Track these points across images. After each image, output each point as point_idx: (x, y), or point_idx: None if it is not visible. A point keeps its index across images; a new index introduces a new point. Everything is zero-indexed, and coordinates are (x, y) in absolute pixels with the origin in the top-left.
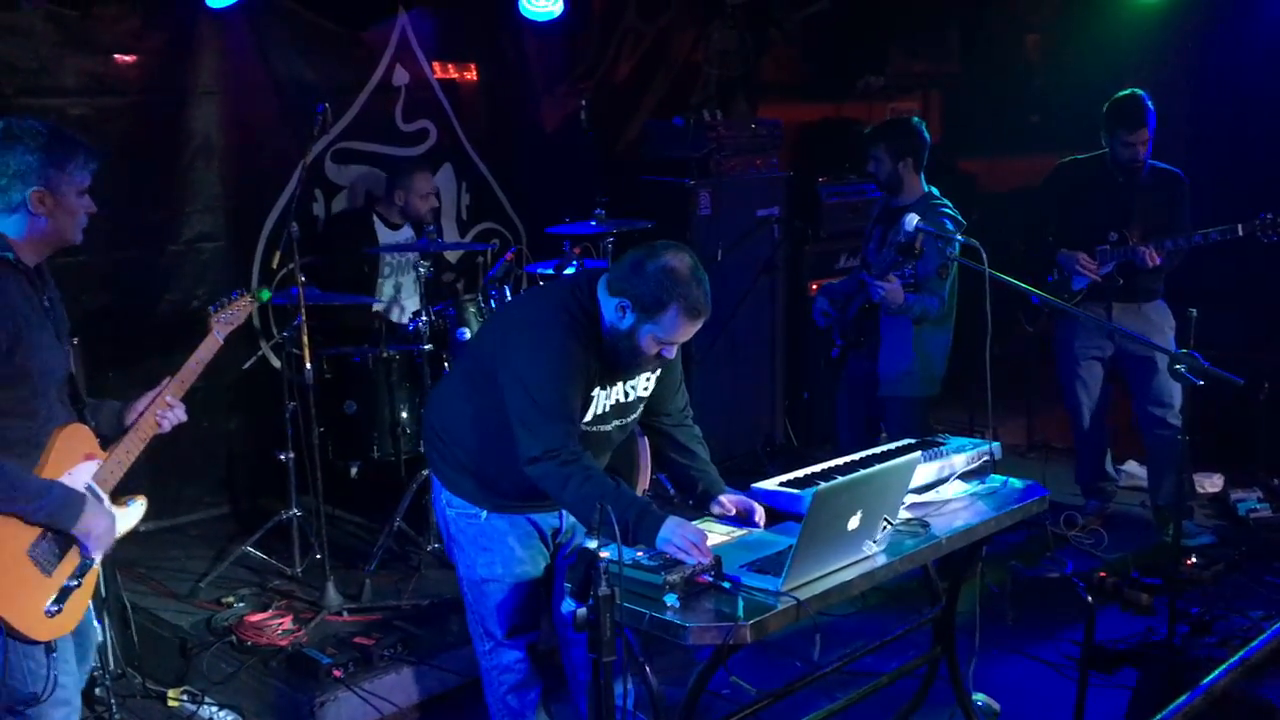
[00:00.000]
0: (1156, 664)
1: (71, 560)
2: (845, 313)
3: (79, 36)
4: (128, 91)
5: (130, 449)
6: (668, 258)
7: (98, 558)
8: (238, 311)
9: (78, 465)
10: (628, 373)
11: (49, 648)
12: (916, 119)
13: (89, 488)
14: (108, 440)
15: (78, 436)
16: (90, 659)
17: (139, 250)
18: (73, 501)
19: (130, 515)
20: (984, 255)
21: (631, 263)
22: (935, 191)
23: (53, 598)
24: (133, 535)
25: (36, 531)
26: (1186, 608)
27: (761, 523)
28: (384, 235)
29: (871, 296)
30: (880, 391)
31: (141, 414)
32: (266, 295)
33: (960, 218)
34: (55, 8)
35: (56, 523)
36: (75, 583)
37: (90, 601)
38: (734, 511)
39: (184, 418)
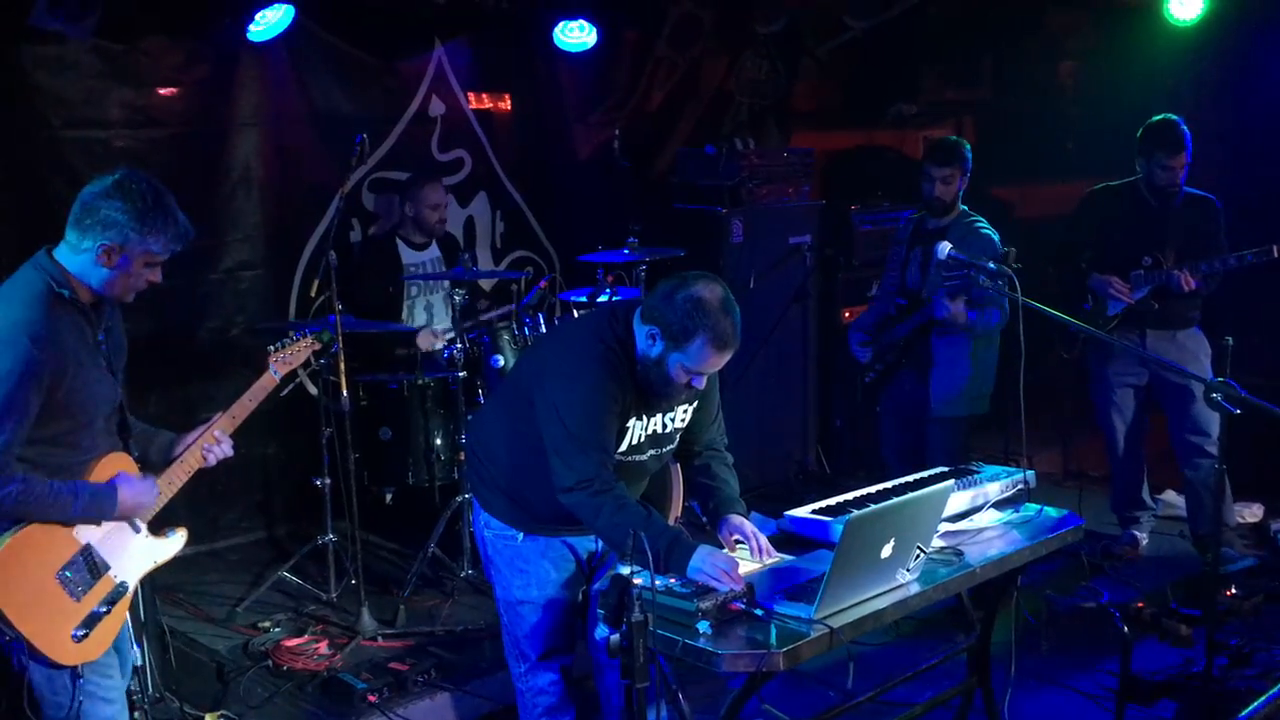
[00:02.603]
0: (1195, 695)
1: (103, 588)
2: (888, 336)
3: (124, 69)
4: (171, 123)
5: (173, 480)
6: (698, 288)
7: (115, 566)
8: (299, 352)
9: None
10: (662, 403)
11: (75, 673)
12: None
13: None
14: (156, 469)
15: (117, 464)
16: (127, 676)
17: (180, 278)
18: (102, 492)
19: (170, 546)
20: (1016, 283)
21: (663, 291)
22: (966, 209)
23: (80, 622)
24: (171, 559)
25: (66, 556)
26: (1225, 639)
27: (762, 552)
28: (407, 255)
29: (936, 314)
30: (933, 412)
31: (189, 446)
32: (328, 337)
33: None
34: (101, 41)
35: (98, 515)
36: (104, 609)
37: (127, 625)
38: (734, 538)
39: (230, 453)
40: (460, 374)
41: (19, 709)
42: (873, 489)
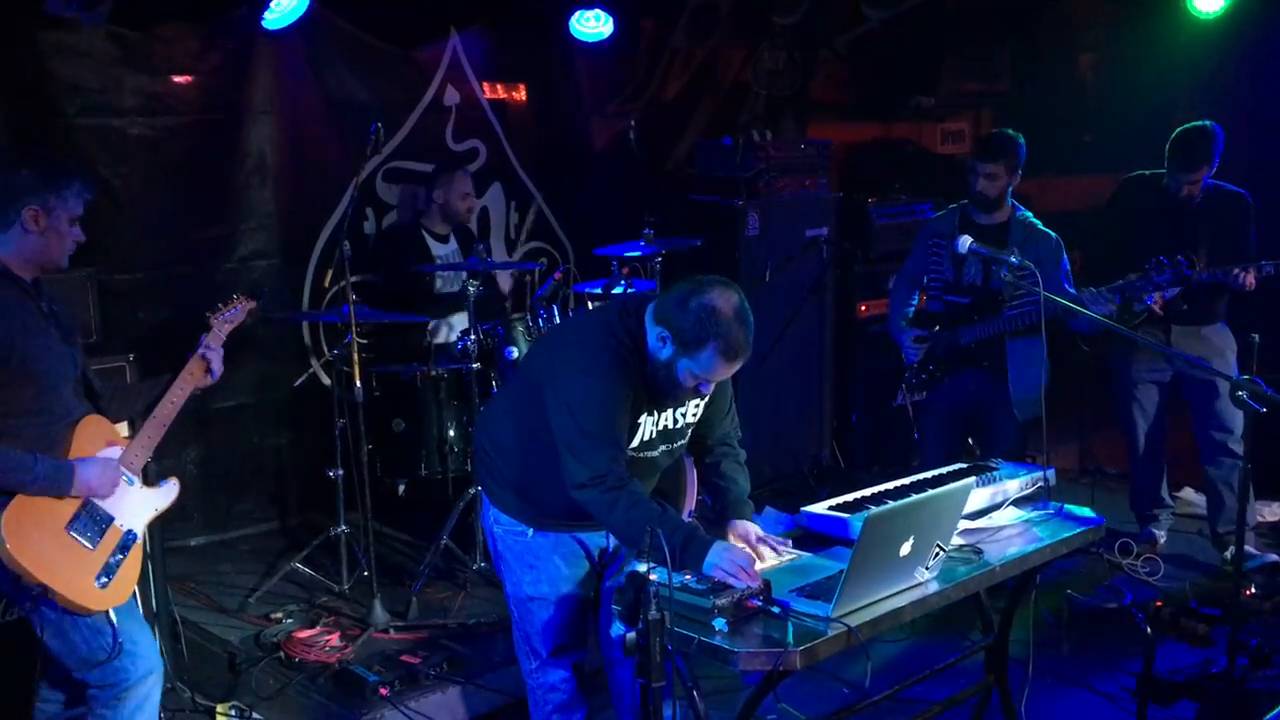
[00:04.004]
0: (1215, 696)
1: (113, 536)
2: (950, 338)
3: (139, 57)
4: (185, 111)
5: (151, 434)
6: (713, 295)
7: (119, 516)
8: (239, 310)
9: (101, 451)
10: (671, 400)
11: (109, 619)
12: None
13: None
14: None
15: (96, 426)
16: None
17: (194, 267)
18: (62, 469)
19: (165, 495)
20: (1039, 279)
21: (678, 295)
22: (1017, 205)
23: (100, 569)
24: (183, 549)
25: (71, 511)
26: (1246, 639)
27: (766, 559)
28: (433, 247)
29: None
30: (1016, 415)
31: (158, 401)
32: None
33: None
34: (116, 28)
35: (55, 490)
36: (120, 557)
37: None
38: (737, 543)
39: (220, 367)
40: (474, 365)
41: (36, 674)
42: (890, 485)
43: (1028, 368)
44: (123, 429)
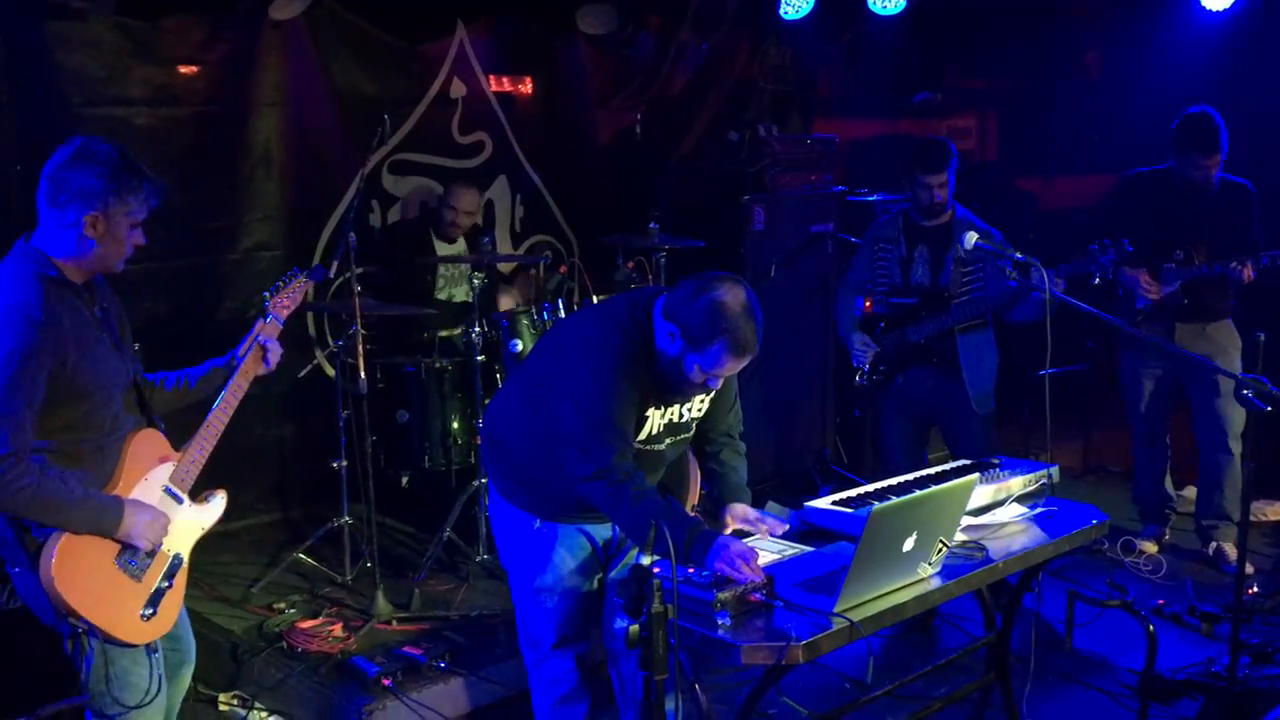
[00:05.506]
0: (1217, 695)
1: (160, 564)
2: (899, 337)
3: (146, 47)
4: (192, 102)
5: (204, 446)
6: (722, 291)
7: (166, 542)
8: (295, 292)
9: (153, 469)
10: (680, 395)
11: (150, 648)
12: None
13: (166, 489)
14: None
15: (149, 441)
16: (190, 662)
17: (198, 258)
18: (107, 509)
19: (213, 510)
20: (1044, 275)
21: (687, 291)
22: (957, 205)
23: (146, 601)
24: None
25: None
26: (1247, 638)
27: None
28: (437, 248)
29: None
30: (974, 410)
31: (212, 413)
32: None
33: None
34: (123, 19)
35: (99, 531)
36: (166, 584)
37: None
38: (733, 527)
39: (280, 349)
40: (479, 358)
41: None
42: (894, 481)
43: (980, 362)
44: None
